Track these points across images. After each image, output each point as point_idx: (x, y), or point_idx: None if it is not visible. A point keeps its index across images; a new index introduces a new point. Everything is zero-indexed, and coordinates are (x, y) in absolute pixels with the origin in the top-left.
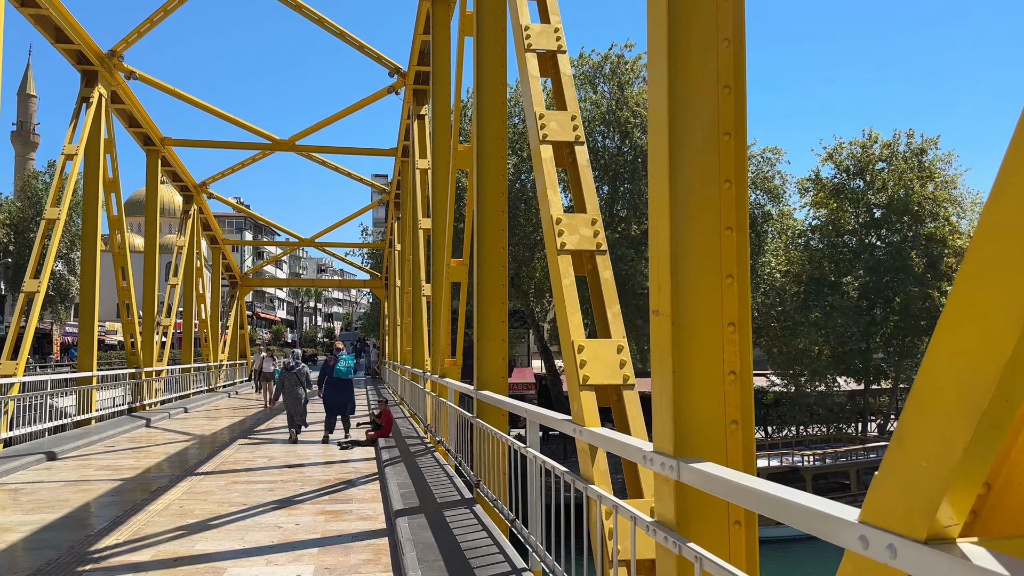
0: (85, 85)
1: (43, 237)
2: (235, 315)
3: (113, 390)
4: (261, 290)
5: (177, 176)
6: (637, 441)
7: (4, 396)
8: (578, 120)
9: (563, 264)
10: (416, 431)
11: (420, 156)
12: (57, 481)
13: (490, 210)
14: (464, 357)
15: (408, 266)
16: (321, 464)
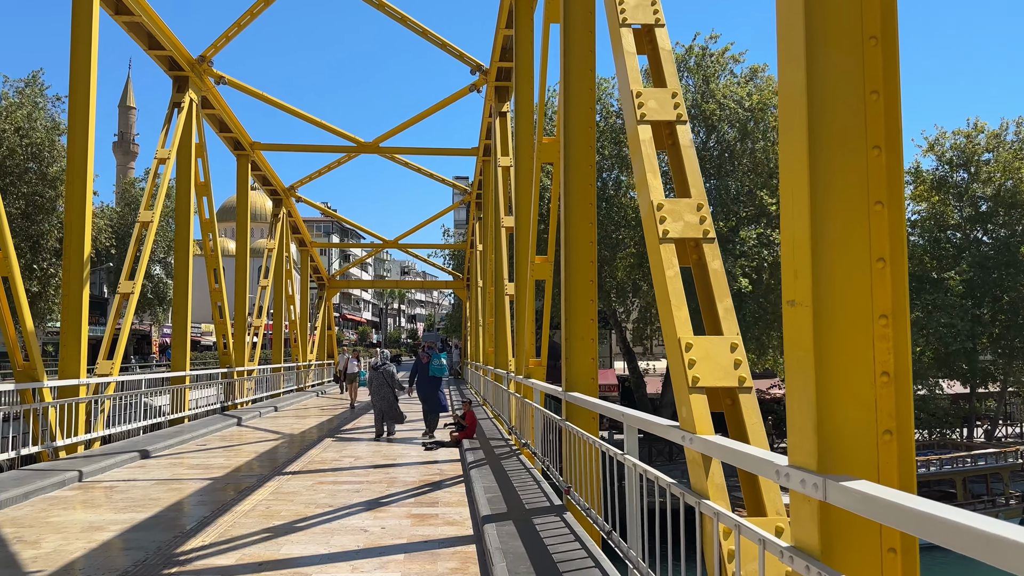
0: (176, 91)
1: (137, 239)
2: (323, 316)
3: (206, 389)
4: (347, 292)
5: (266, 180)
6: (766, 453)
7: (101, 395)
8: (679, 98)
9: (666, 254)
10: (500, 432)
11: (502, 154)
12: (149, 479)
13: (578, 202)
14: (546, 358)
15: (490, 266)
16: (406, 465)
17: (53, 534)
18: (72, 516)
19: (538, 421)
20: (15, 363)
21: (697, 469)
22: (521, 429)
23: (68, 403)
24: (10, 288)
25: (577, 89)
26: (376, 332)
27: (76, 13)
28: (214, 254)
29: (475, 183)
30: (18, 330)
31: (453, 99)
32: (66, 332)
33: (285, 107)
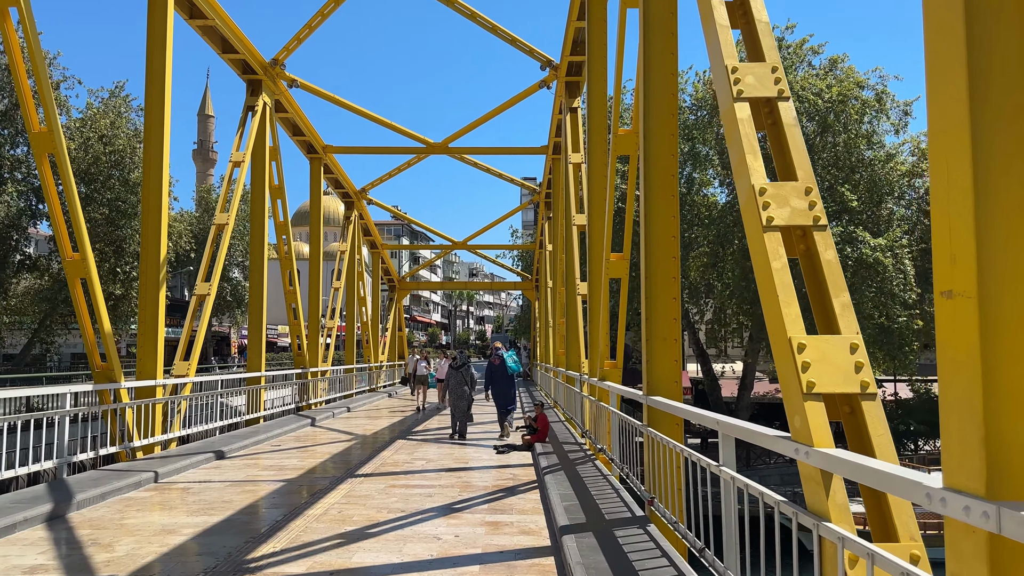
0: (250, 94)
1: (213, 241)
2: (393, 317)
3: (281, 390)
4: (417, 294)
5: (339, 183)
6: (911, 472)
7: (177, 396)
8: (780, 72)
9: (771, 243)
10: (573, 436)
11: (573, 150)
12: (223, 481)
13: (659, 194)
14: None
15: (560, 266)
16: (478, 469)
17: (127, 537)
18: (147, 518)
19: (615, 426)
20: (93, 364)
21: (814, 487)
22: (596, 433)
23: (145, 404)
24: (89, 290)
25: (658, 74)
26: (445, 334)
27: (151, 17)
28: (288, 256)
29: (544, 182)
30: (96, 332)
31: (522, 97)
32: (143, 334)
33: (355, 109)
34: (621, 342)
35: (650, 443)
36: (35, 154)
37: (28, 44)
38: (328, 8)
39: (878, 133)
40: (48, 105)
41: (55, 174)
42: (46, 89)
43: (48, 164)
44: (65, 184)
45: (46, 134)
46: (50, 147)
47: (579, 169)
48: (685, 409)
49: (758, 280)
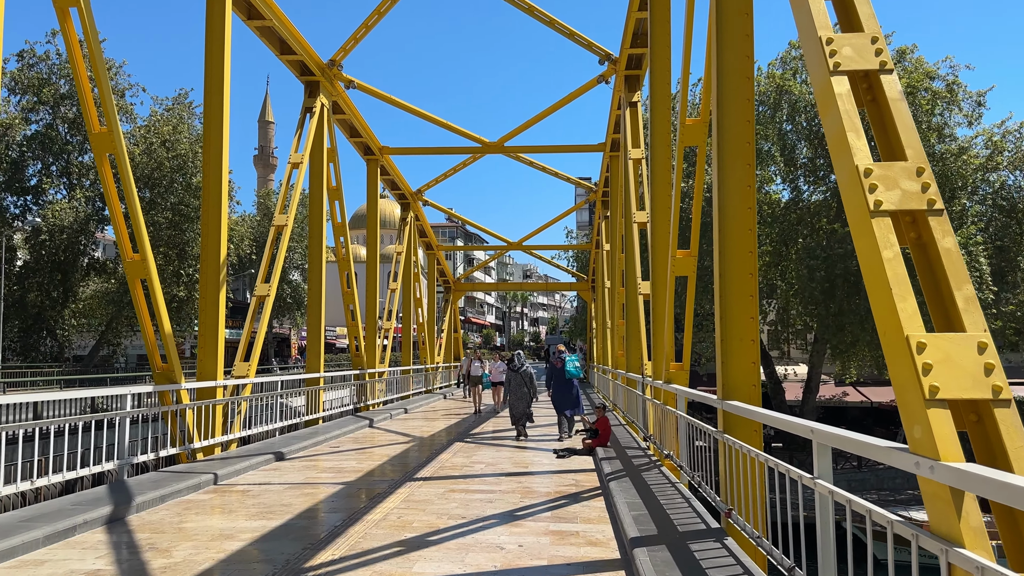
0: (308, 96)
1: (272, 243)
2: (449, 319)
3: (340, 391)
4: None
5: (395, 184)
6: None
7: (237, 397)
8: (881, 43)
9: (880, 230)
10: (635, 441)
11: (633, 146)
12: (282, 483)
13: (734, 184)
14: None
15: (619, 265)
16: (539, 474)
17: (185, 542)
18: (205, 522)
19: (682, 431)
20: (154, 365)
21: (941, 506)
22: (662, 439)
23: (205, 405)
24: (149, 292)
25: (732, 56)
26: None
27: (210, 17)
28: (346, 258)
29: (601, 181)
30: (157, 333)
31: (580, 92)
32: (203, 335)
33: (411, 109)
34: (688, 343)
35: (727, 451)
36: (95, 155)
37: (88, 44)
38: (385, 6)
39: (950, 126)
40: (108, 106)
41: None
42: (106, 89)
43: (108, 165)
44: (125, 185)
45: (106, 134)
46: (110, 147)
47: (640, 165)
48: (767, 415)
49: (865, 273)
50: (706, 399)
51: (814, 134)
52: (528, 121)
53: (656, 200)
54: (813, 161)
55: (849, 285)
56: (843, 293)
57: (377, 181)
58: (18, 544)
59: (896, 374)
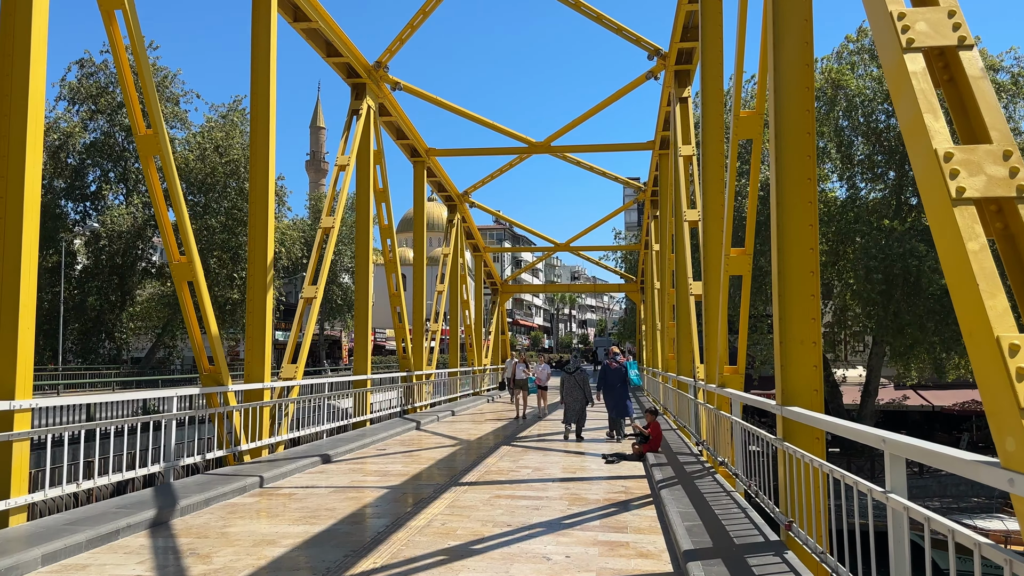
0: (355, 98)
1: (320, 245)
2: (496, 321)
3: (388, 393)
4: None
5: (441, 186)
6: None
7: (284, 399)
8: (959, 17)
9: (963, 219)
10: (687, 446)
11: (683, 142)
12: (327, 487)
13: (794, 177)
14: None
15: (669, 265)
16: (587, 480)
17: (226, 547)
18: (248, 527)
19: (737, 437)
20: (201, 367)
21: None
22: (716, 445)
23: (252, 407)
24: (196, 294)
25: (790, 43)
26: (547, 337)
27: (256, 19)
28: (393, 260)
29: (650, 180)
30: (204, 335)
31: (628, 89)
32: (251, 337)
33: (457, 110)
34: (743, 345)
35: (786, 459)
36: (141, 157)
37: (132, 46)
38: (429, 5)
39: (1015, 119)
40: (153, 108)
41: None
42: (151, 91)
43: (154, 167)
44: (171, 187)
45: (151, 137)
46: (155, 149)
47: (690, 162)
48: (831, 422)
49: (947, 268)
50: (763, 404)
51: (872, 130)
52: (575, 120)
53: (708, 197)
54: (870, 158)
55: (908, 285)
56: (902, 294)
57: (424, 183)
58: (60, 548)
59: (984, 380)
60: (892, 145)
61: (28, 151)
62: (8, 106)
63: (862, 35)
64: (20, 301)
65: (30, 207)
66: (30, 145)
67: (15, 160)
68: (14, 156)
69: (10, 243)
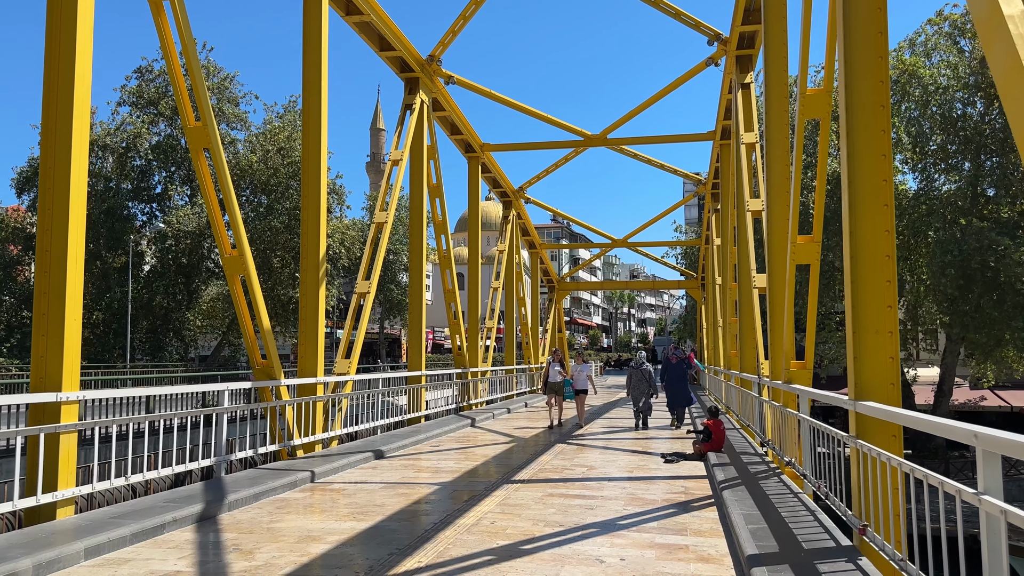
0: (408, 93)
1: (373, 240)
2: (553, 318)
3: (443, 390)
4: (577, 297)
5: (496, 182)
6: None
7: (338, 394)
8: None
9: None
10: (751, 446)
11: (746, 129)
12: (378, 483)
13: (867, 154)
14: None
15: (731, 259)
16: (644, 479)
17: (270, 543)
18: (295, 522)
19: (805, 436)
20: (253, 362)
21: None
22: (781, 444)
23: (305, 402)
24: (248, 288)
25: (862, 8)
26: (606, 336)
27: (307, 14)
28: (447, 257)
29: (710, 172)
30: (257, 330)
31: (687, 77)
32: (304, 332)
33: (511, 103)
34: (811, 339)
35: (860, 458)
36: (191, 149)
37: (180, 36)
38: None
39: None
40: (202, 99)
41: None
42: (199, 83)
43: (204, 160)
44: (221, 180)
45: (201, 129)
46: (205, 142)
47: (753, 150)
48: (910, 416)
49: None
50: (834, 400)
51: (946, 119)
52: (632, 111)
53: (772, 183)
54: (944, 148)
55: (986, 280)
56: (980, 289)
57: (479, 179)
58: (104, 541)
59: None
60: (968, 134)
61: (74, 145)
62: (55, 102)
63: (942, 19)
64: (67, 292)
65: (76, 201)
66: (76, 139)
67: (61, 153)
68: (60, 149)
69: (56, 235)
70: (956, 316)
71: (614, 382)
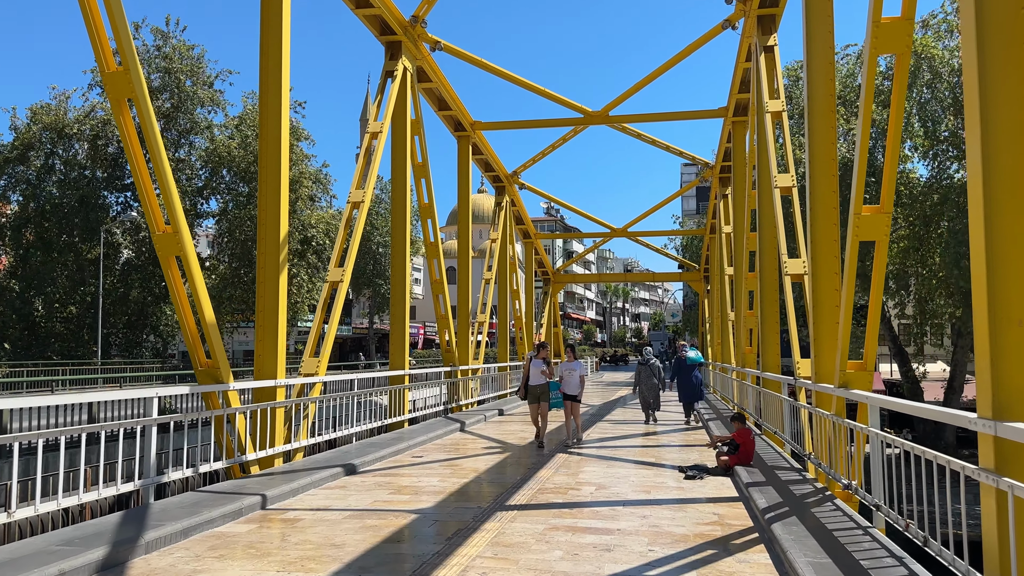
0: (389, 58)
1: (347, 222)
2: (548, 313)
3: (431, 389)
4: (571, 291)
5: (488, 166)
6: None
7: (304, 398)
8: None
9: None
10: (782, 457)
11: (770, 96)
12: (343, 510)
13: (1003, 78)
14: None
15: (746, 246)
16: (667, 503)
17: None
18: (224, 572)
19: (876, 454)
20: (196, 361)
21: None
22: (831, 460)
23: (261, 408)
24: (185, 271)
25: None
26: (600, 331)
27: None
28: (434, 243)
29: (719, 153)
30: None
31: (700, 44)
32: (261, 326)
33: (505, 74)
34: (874, 333)
35: (1004, 504)
36: (111, 100)
37: None
38: None
39: None
40: (123, 40)
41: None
42: (120, 20)
43: (127, 112)
44: (149, 140)
45: (122, 74)
46: (127, 90)
47: (779, 119)
48: None
49: None
50: (949, 418)
51: (958, 103)
52: (637, 83)
53: (816, 149)
54: (956, 134)
55: None
56: None
57: (469, 160)
58: None
59: None
60: None
61: None
62: None
63: None
64: None
65: None
66: None
67: None
68: None
69: None
70: (968, 310)
71: (611, 379)
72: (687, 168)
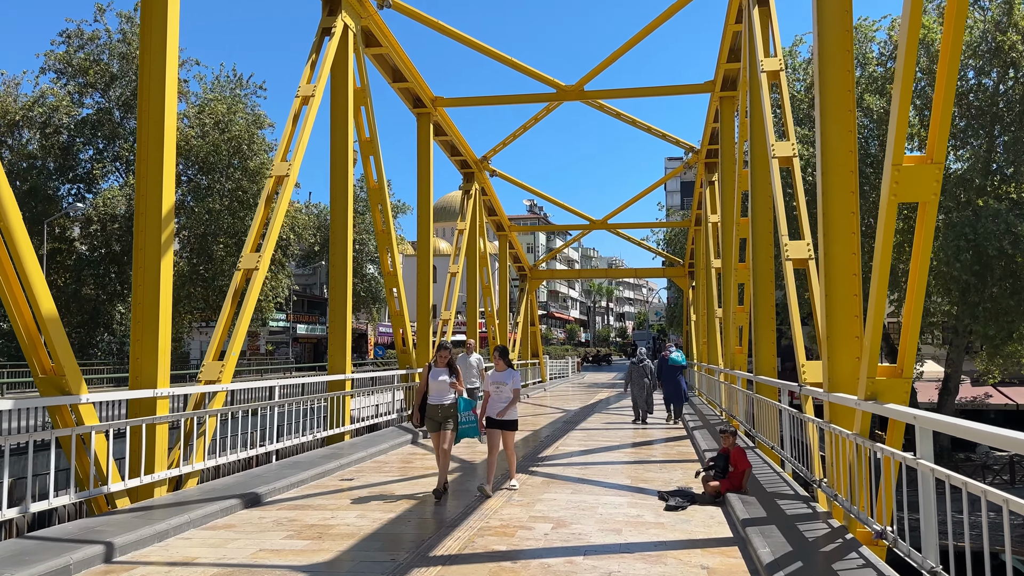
0: (327, 14)
1: (268, 198)
2: (525, 310)
3: (382, 395)
4: (555, 290)
5: (455, 149)
6: None
7: (199, 411)
8: None
9: None
10: (782, 479)
11: (765, 55)
12: (210, 565)
13: None
14: (781, 360)
15: (736, 233)
16: (643, 551)
17: None
18: None
19: (927, 496)
20: (35, 367)
21: None
22: (852, 494)
23: (137, 424)
24: (12, 255)
25: None
26: (584, 331)
27: None
28: (385, 230)
29: (706, 136)
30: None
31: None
32: (138, 320)
33: (468, 40)
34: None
35: None
36: None
37: None
38: None
39: None
40: None
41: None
42: None
43: None
44: None
45: None
46: None
47: (776, 79)
48: None
49: None
50: None
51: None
52: (614, 53)
53: (828, 106)
54: (953, 122)
55: (1004, 267)
56: (999, 275)
57: (429, 140)
58: None
59: None
60: (981, 106)
61: None
62: None
63: None
64: None
65: None
66: None
67: None
68: None
69: None
70: (966, 307)
71: (592, 379)
72: (671, 162)
